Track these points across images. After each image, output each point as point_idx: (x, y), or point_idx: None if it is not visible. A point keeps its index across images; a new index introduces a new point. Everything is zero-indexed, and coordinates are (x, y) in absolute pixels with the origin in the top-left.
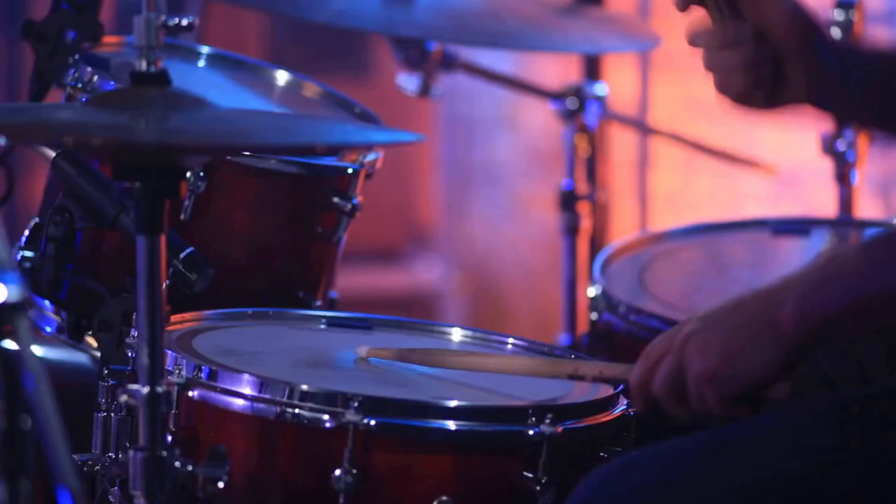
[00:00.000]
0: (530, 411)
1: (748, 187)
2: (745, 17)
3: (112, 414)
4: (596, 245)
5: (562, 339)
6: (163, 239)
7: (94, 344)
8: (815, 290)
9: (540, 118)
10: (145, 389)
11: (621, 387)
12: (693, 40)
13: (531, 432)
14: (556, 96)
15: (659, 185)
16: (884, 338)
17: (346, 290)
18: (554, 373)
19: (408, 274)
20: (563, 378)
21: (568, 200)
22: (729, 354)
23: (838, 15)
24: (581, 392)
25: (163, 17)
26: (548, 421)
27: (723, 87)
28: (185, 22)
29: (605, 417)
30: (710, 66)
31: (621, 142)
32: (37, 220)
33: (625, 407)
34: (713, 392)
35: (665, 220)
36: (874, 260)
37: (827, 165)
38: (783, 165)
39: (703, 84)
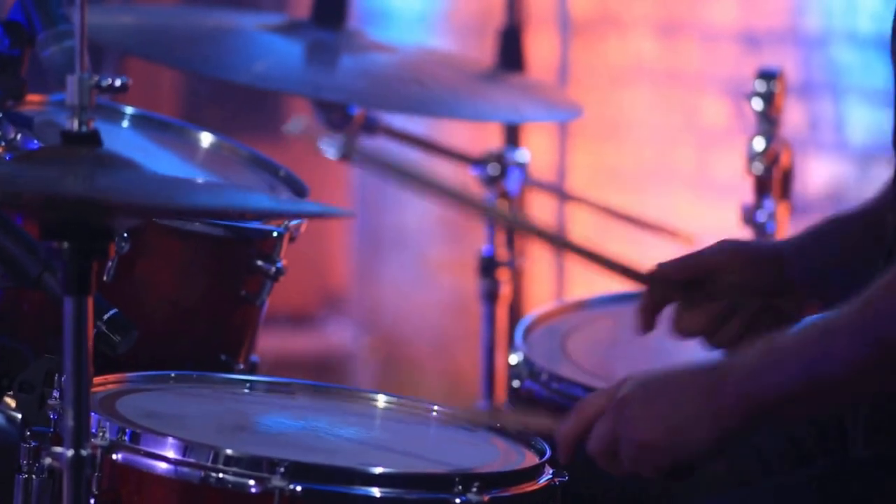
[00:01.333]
0: (457, 479)
1: (664, 255)
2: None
3: (34, 476)
4: (514, 312)
5: (481, 405)
6: (90, 300)
7: (12, 404)
8: (756, 374)
9: (462, 183)
10: (70, 452)
11: (547, 456)
12: (685, 330)
13: (458, 500)
14: (478, 162)
15: None
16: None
17: (260, 352)
18: (474, 421)
19: (319, 337)
20: (484, 426)
21: (487, 266)
22: (668, 428)
23: (759, 86)
24: (506, 460)
25: (96, 78)
26: (474, 489)
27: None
28: (118, 82)
29: (531, 486)
30: (713, 343)
31: (539, 208)
32: None
33: (550, 476)
34: (648, 460)
35: (581, 286)
36: (815, 344)
37: (747, 235)
38: (702, 234)
39: (617, 151)
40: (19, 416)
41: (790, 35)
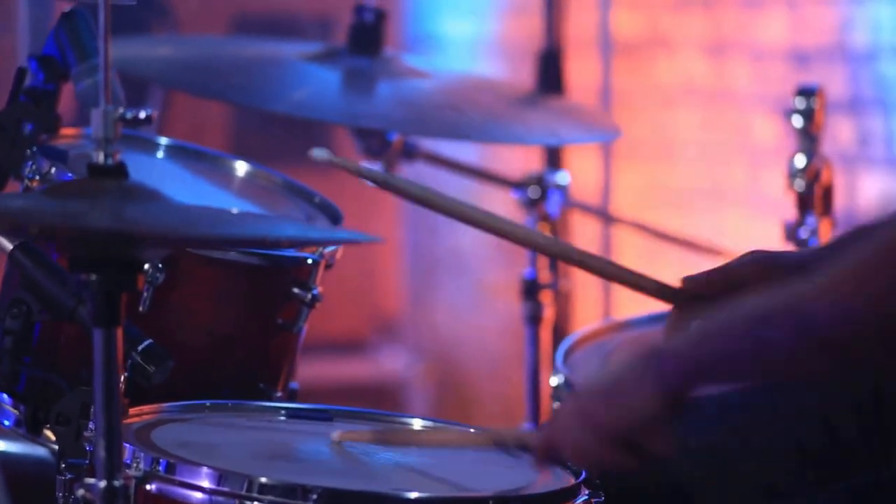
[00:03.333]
0: (491, 502)
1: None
2: None
3: None
4: (559, 333)
5: (525, 427)
6: (119, 331)
7: (52, 437)
8: (701, 338)
9: (504, 206)
10: (102, 483)
11: (583, 477)
12: None
13: None
14: (518, 185)
15: None
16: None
17: (311, 380)
18: (481, 442)
19: (372, 364)
20: (486, 445)
21: (530, 289)
22: (610, 401)
23: (799, 103)
24: (542, 483)
25: (120, 110)
26: None
27: None
28: (143, 115)
29: None
30: None
31: (584, 230)
32: None
33: (587, 497)
34: (603, 439)
35: (629, 308)
36: (762, 314)
37: None
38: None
39: (666, 172)
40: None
41: (838, 51)
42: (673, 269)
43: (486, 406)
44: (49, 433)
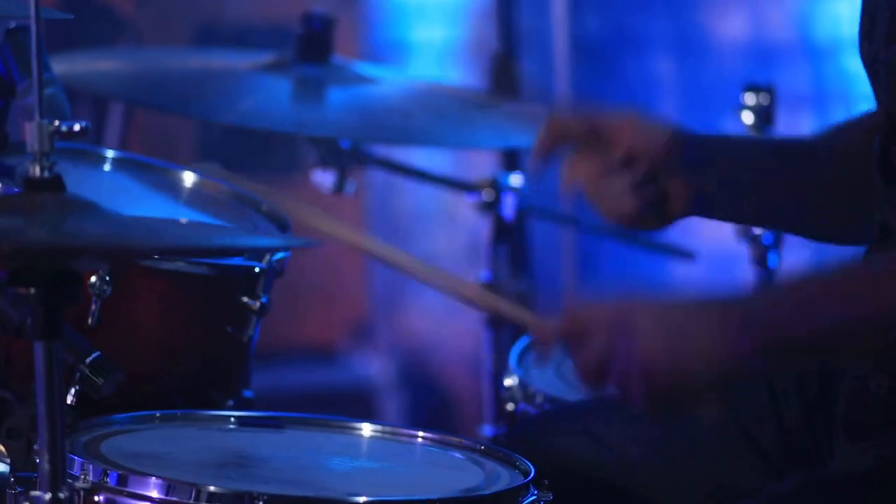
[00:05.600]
0: None
1: (673, 273)
2: (613, 147)
3: None
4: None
5: (485, 430)
6: (60, 344)
7: (3, 451)
8: (781, 310)
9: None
10: (47, 496)
11: (532, 476)
12: (572, 174)
13: None
14: (472, 189)
15: (587, 273)
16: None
17: (283, 387)
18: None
19: (345, 369)
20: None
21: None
22: (674, 347)
23: (749, 99)
24: (490, 483)
25: (56, 123)
26: None
27: (612, 213)
28: (77, 127)
29: None
30: (594, 195)
31: (545, 232)
32: None
33: (535, 496)
34: (643, 379)
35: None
36: (845, 294)
37: (744, 250)
38: (704, 251)
39: None
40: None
41: (799, 47)
42: (628, 265)
43: (460, 410)
44: (0, 447)
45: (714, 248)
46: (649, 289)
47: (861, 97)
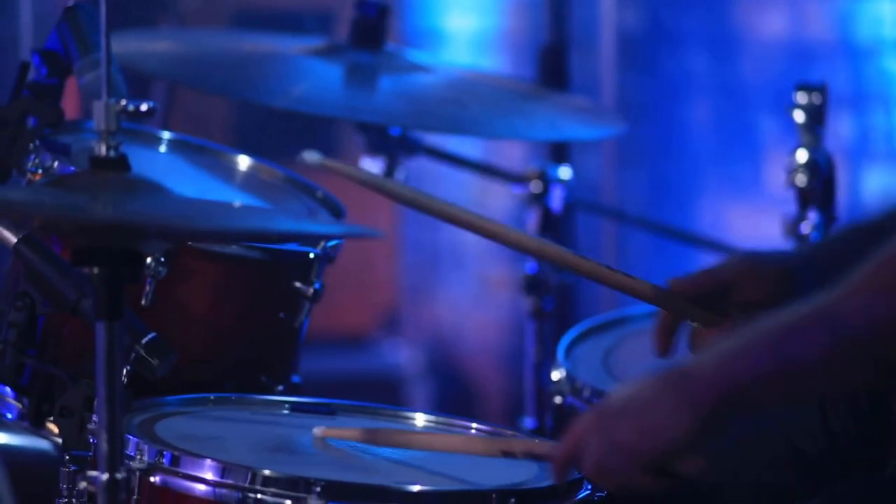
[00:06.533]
0: (493, 496)
1: None
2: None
3: (73, 500)
4: (563, 328)
5: (527, 422)
6: (121, 324)
7: (56, 430)
8: (726, 361)
9: (507, 201)
10: (104, 476)
11: None
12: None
13: None
14: (520, 180)
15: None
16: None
17: (311, 374)
18: (487, 451)
19: (374, 358)
20: (495, 456)
21: (533, 284)
22: (642, 427)
23: (801, 98)
24: (545, 477)
25: (123, 103)
26: None
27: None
28: (145, 107)
29: (568, 503)
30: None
31: (587, 226)
32: None
33: (588, 491)
34: (631, 464)
35: (633, 302)
36: (788, 331)
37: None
38: (748, 247)
39: (670, 167)
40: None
41: (840, 47)
42: (677, 264)
43: (487, 400)
44: (52, 426)
45: (759, 244)
46: None
47: None
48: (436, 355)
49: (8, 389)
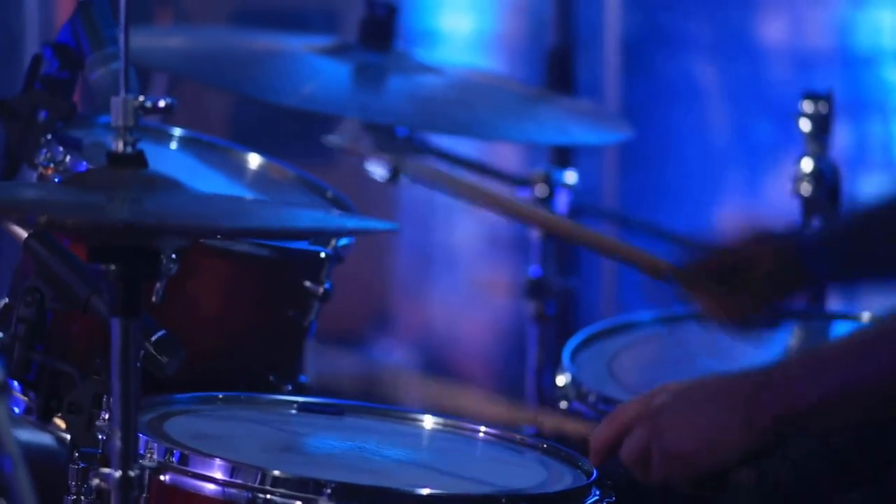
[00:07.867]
0: (503, 500)
1: None
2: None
3: (82, 497)
4: (566, 333)
5: (528, 427)
6: (137, 322)
7: (62, 426)
8: (791, 381)
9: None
10: (118, 473)
11: (594, 477)
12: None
13: None
14: (525, 183)
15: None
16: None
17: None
18: (514, 420)
19: (367, 358)
20: (521, 423)
21: (536, 288)
22: (701, 439)
23: (807, 107)
24: (553, 482)
25: (140, 98)
26: None
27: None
28: (162, 103)
29: None
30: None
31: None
32: (6, 300)
33: (597, 497)
34: (679, 470)
35: (634, 307)
36: (852, 353)
37: None
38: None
39: (672, 171)
40: (69, 437)
41: (839, 55)
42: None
43: (481, 403)
44: (58, 422)
45: None
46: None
47: None
48: (428, 356)
49: (16, 384)
